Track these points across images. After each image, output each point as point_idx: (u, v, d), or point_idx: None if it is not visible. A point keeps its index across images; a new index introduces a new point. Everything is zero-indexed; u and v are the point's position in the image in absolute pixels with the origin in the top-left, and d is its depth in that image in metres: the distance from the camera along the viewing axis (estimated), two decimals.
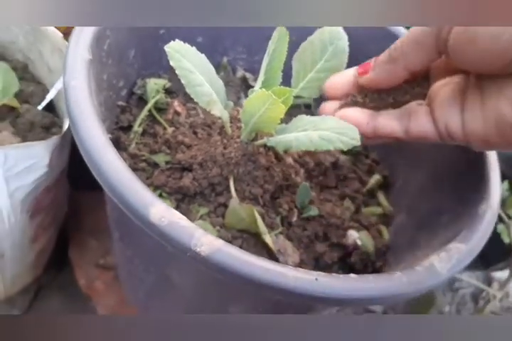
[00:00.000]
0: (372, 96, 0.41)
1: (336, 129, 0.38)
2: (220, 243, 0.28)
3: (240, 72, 0.64)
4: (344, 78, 0.43)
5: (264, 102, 0.38)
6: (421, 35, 0.34)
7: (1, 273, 0.51)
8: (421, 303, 0.59)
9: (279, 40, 0.41)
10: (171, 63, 0.36)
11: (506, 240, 0.61)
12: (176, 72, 0.36)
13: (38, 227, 0.50)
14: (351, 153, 0.58)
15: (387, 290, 0.30)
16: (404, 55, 0.36)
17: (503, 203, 0.64)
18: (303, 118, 0.42)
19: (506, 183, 0.64)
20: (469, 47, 0.30)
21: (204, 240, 0.28)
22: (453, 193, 0.44)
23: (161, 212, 0.28)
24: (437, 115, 0.37)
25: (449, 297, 0.76)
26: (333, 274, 0.30)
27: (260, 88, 0.44)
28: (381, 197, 0.55)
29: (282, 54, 0.42)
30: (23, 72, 0.59)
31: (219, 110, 0.40)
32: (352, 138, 0.38)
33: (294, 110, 0.66)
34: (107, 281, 0.67)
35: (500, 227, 0.62)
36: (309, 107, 0.64)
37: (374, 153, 0.59)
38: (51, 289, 0.75)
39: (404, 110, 0.40)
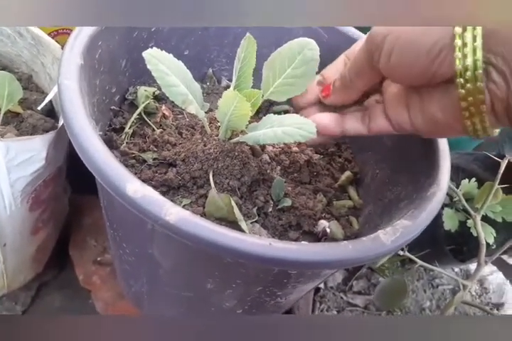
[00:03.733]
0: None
1: (296, 124, 0.44)
2: (185, 213, 0.33)
3: (224, 82, 0.69)
4: (311, 94, 0.51)
5: (232, 101, 0.43)
6: (359, 65, 0.42)
7: (3, 264, 0.56)
8: (394, 294, 0.62)
9: (247, 48, 0.46)
10: (148, 67, 0.41)
11: (474, 234, 0.65)
12: (153, 74, 0.42)
13: (38, 220, 0.55)
14: (326, 152, 0.64)
15: (333, 255, 0.35)
16: (353, 83, 0.44)
17: (472, 199, 0.68)
18: (271, 117, 0.47)
19: (474, 181, 0.69)
20: (396, 73, 0.37)
21: (172, 210, 0.33)
22: (410, 182, 0.49)
23: (136, 187, 0.33)
24: (390, 115, 0.44)
25: (429, 293, 0.80)
26: (287, 241, 0.35)
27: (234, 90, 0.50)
28: (351, 191, 0.59)
29: (252, 60, 0.48)
30: (28, 82, 0.66)
31: (194, 108, 0.46)
32: (309, 132, 0.43)
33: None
34: (103, 276, 0.72)
35: (470, 222, 0.66)
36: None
37: (347, 152, 0.63)
38: (52, 287, 0.80)
39: (364, 112, 0.47)
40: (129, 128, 0.57)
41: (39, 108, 0.55)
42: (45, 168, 0.46)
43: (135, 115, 0.58)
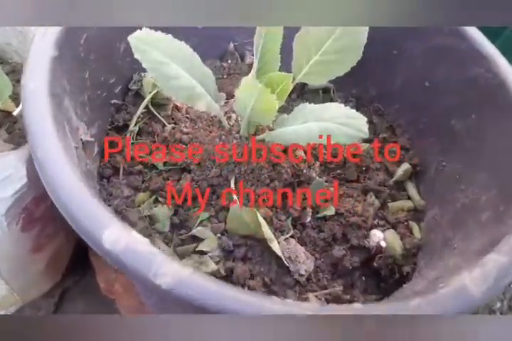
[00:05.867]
0: None
1: (340, 119, 0.32)
2: (185, 273, 0.24)
3: (248, 58, 0.58)
4: None
5: (253, 93, 0.33)
6: None
7: (8, 285, 0.51)
8: None
9: None
10: (136, 56, 0.31)
11: None
12: (143, 65, 0.32)
13: (38, 238, 0.48)
14: (376, 139, 0.52)
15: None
16: None
17: None
18: (305, 108, 0.36)
19: None
20: None
21: (165, 269, 0.23)
22: (494, 185, 0.37)
23: (116, 235, 0.24)
24: None
25: (500, 293, 0.68)
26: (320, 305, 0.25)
27: (256, 75, 0.39)
28: (411, 188, 0.48)
29: (278, 34, 0.36)
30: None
31: (205, 104, 0.35)
32: (358, 130, 0.31)
33: (311, 95, 0.59)
34: (125, 284, 0.66)
35: None
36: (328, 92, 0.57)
37: (403, 137, 0.51)
38: (75, 293, 0.75)
39: None
40: (135, 125, 0.47)
41: (15, 113, 0.46)
42: (29, 186, 0.38)
43: (141, 108, 0.48)
